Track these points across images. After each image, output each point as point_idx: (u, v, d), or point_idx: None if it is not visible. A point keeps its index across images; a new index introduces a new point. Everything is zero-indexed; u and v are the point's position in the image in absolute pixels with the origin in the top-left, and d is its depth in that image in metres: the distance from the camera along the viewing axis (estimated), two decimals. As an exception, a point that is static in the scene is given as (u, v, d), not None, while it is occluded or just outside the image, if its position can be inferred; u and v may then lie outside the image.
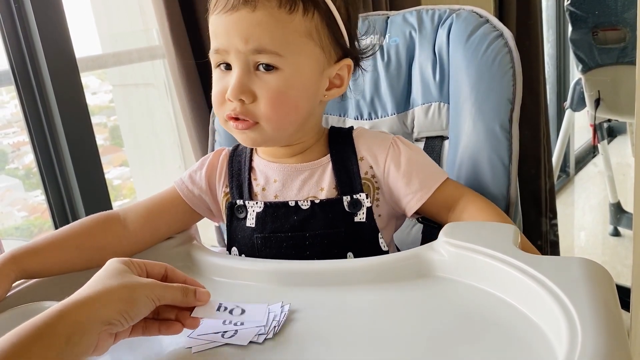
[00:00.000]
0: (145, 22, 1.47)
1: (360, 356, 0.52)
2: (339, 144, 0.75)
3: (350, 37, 0.71)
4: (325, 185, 0.73)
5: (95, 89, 1.71)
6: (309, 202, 0.72)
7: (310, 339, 0.55)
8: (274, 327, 0.56)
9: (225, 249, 0.79)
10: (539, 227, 2.05)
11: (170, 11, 1.12)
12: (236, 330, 0.56)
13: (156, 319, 0.56)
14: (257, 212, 0.73)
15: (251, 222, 0.73)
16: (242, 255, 0.75)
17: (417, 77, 0.91)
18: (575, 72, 2.47)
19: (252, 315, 0.57)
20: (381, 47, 0.94)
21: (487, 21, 0.84)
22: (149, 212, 0.76)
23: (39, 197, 1.41)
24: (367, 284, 0.62)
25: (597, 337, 0.43)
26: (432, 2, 1.37)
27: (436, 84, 0.89)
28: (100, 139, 1.64)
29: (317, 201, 0.72)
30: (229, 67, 0.67)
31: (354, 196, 0.71)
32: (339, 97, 0.75)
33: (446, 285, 0.61)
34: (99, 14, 1.53)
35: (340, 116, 0.99)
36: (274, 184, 0.74)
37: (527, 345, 0.49)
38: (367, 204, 0.72)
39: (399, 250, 0.81)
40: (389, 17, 0.95)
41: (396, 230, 0.81)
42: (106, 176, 1.19)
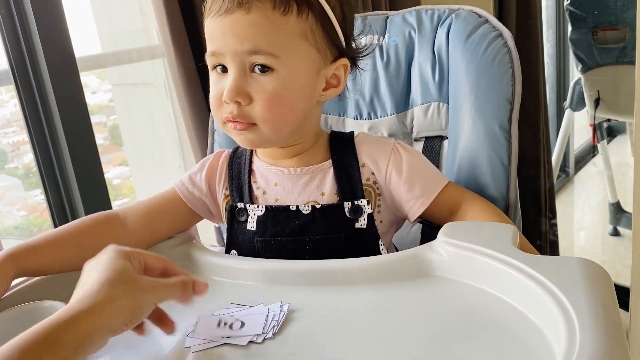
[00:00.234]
0: (144, 21, 1.47)
1: (359, 356, 0.52)
2: (341, 149, 0.75)
3: (346, 37, 0.71)
4: (326, 190, 0.73)
5: (95, 88, 1.71)
6: (310, 207, 0.72)
7: (309, 339, 0.55)
8: (273, 327, 0.56)
9: (223, 249, 0.79)
10: (539, 226, 2.05)
11: (169, 11, 1.12)
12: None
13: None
14: (258, 216, 0.73)
15: (252, 225, 0.73)
16: (242, 257, 0.75)
17: (417, 77, 0.91)
18: (574, 72, 2.47)
19: (252, 327, 0.57)
20: (380, 47, 0.94)
21: (487, 21, 0.84)
22: (149, 213, 0.76)
23: (38, 197, 1.41)
24: (366, 284, 0.63)
25: (595, 337, 0.43)
26: (431, 2, 1.37)
27: (435, 84, 0.89)
28: (100, 139, 1.64)
29: (318, 206, 0.72)
30: (225, 69, 0.67)
31: (355, 202, 0.72)
32: (337, 97, 0.75)
33: (445, 285, 0.61)
34: (98, 13, 1.53)
35: (339, 116, 0.99)
36: (275, 187, 0.74)
37: (525, 344, 0.49)
38: (368, 210, 0.72)
39: (397, 250, 0.81)
40: (388, 17, 0.95)
41: (395, 232, 0.80)
42: (106, 175, 1.19)
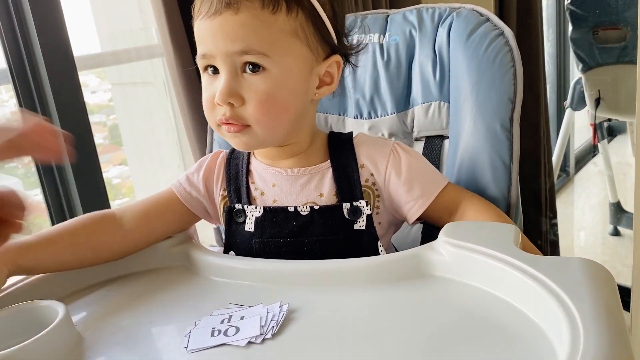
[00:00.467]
0: (144, 20, 1.47)
1: (359, 356, 0.51)
2: (339, 150, 0.74)
3: (337, 34, 0.71)
4: (324, 191, 0.72)
5: (94, 87, 1.71)
6: (308, 208, 0.71)
7: (309, 339, 0.55)
8: (273, 327, 0.56)
9: (222, 249, 0.79)
10: (539, 226, 2.05)
11: (168, 10, 1.12)
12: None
13: None
14: (256, 217, 0.73)
15: (250, 226, 0.73)
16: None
17: (417, 76, 0.90)
18: (575, 71, 2.47)
19: (247, 332, 0.56)
20: (381, 45, 0.93)
21: (488, 20, 0.84)
22: (146, 213, 0.75)
23: (38, 196, 1.40)
24: (366, 284, 0.62)
25: (600, 338, 0.42)
26: (432, 0, 1.37)
27: (436, 83, 0.89)
28: (99, 138, 1.64)
29: (316, 207, 0.71)
30: (216, 71, 0.67)
31: (354, 203, 0.71)
32: (331, 95, 0.74)
33: (446, 285, 0.60)
34: (97, 12, 1.53)
35: (339, 115, 0.98)
36: (273, 188, 0.74)
37: (527, 346, 0.49)
38: (367, 211, 0.71)
39: (396, 250, 0.81)
40: (388, 16, 0.94)
41: (394, 234, 0.80)
42: (105, 175, 1.19)
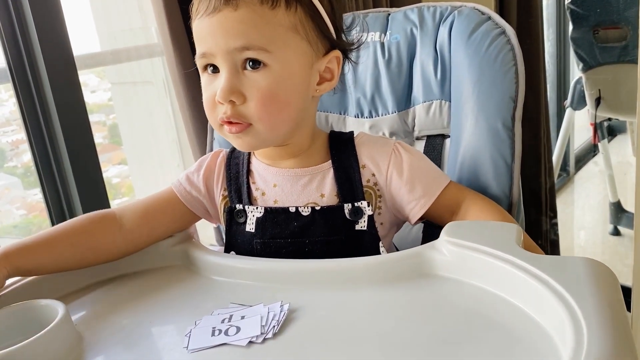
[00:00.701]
0: (144, 19, 1.47)
1: (360, 356, 0.51)
2: (340, 150, 0.74)
3: (336, 29, 0.70)
4: (326, 191, 0.72)
5: (94, 87, 1.70)
6: (310, 209, 0.71)
7: (309, 339, 0.54)
8: (274, 326, 0.55)
9: (223, 249, 0.78)
10: (539, 226, 2.05)
11: (168, 9, 1.12)
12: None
13: None
14: (257, 217, 0.72)
15: (251, 227, 0.73)
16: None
17: (418, 75, 0.90)
18: (575, 71, 2.47)
19: (247, 332, 0.56)
20: (382, 44, 0.93)
21: (489, 18, 0.83)
22: (146, 212, 0.75)
23: (37, 196, 1.40)
24: (368, 284, 0.62)
25: (604, 338, 0.42)
26: (433, -1, 1.36)
27: (437, 82, 0.88)
28: (99, 137, 1.64)
29: (317, 208, 0.71)
30: (216, 70, 0.66)
31: (356, 204, 0.71)
32: (332, 92, 0.74)
33: (448, 284, 0.60)
34: (97, 11, 1.53)
35: (340, 114, 0.98)
36: (274, 188, 0.74)
37: (530, 345, 0.49)
38: (368, 212, 0.71)
39: (397, 250, 0.81)
40: (389, 14, 0.94)
41: (395, 234, 0.80)
42: (105, 174, 1.19)
